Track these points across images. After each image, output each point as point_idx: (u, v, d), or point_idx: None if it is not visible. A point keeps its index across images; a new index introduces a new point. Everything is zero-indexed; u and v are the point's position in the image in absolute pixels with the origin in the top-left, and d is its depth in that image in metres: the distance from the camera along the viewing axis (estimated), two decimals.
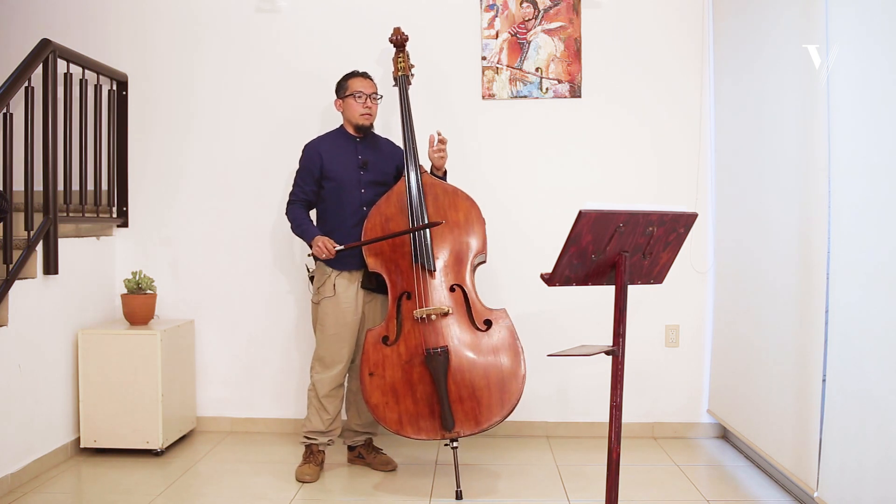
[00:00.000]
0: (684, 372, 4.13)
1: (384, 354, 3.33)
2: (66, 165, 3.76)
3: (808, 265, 2.94)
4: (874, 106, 2.53)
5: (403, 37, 3.74)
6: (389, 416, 3.28)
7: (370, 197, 3.51)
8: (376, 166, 3.56)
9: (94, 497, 3.27)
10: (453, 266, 3.42)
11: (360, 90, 3.50)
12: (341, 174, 3.50)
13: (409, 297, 3.37)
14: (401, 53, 3.73)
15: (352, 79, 3.54)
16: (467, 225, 3.46)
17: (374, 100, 3.54)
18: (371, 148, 3.59)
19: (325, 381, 3.50)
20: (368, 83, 3.54)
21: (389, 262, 3.41)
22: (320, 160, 3.51)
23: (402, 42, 3.73)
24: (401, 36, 3.73)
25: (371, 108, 3.53)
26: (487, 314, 3.39)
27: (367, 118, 3.53)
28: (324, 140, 3.60)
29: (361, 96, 3.50)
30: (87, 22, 4.21)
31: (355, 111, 3.51)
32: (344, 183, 3.50)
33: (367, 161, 3.54)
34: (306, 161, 3.55)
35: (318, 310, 3.52)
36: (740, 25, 3.68)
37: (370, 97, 3.52)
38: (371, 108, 3.53)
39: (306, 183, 3.53)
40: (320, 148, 3.54)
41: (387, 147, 3.68)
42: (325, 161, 3.50)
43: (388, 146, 3.69)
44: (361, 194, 3.51)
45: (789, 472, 3.11)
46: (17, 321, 3.34)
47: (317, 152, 3.53)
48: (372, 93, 3.53)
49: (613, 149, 4.12)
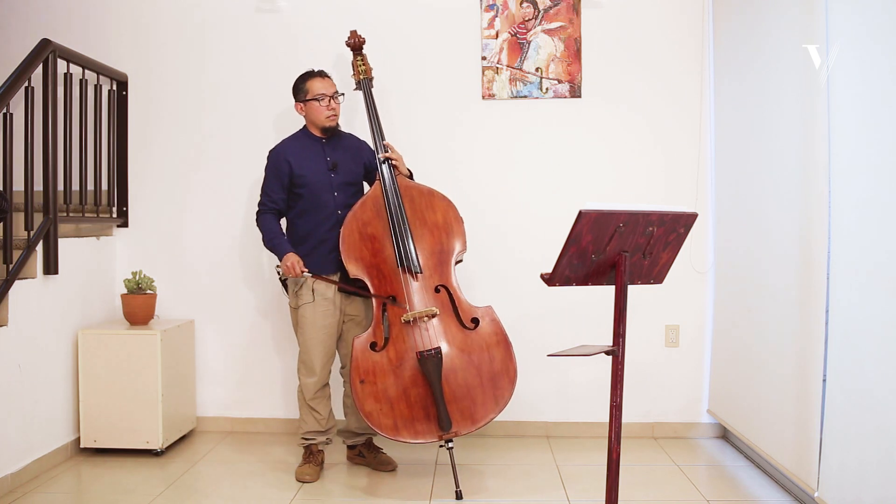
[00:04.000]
0: (684, 372, 4.13)
1: (374, 361, 3.31)
2: (66, 165, 3.76)
3: (808, 265, 2.94)
4: (874, 106, 2.53)
5: (360, 40, 3.69)
6: (385, 423, 3.26)
7: (343, 199, 3.48)
8: (346, 167, 3.52)
9: (94, 497, 3.27)
10: (436, 267, 3.41)
11: (322, 92, 3.45)
12: (312, 179, 3.45)
13: (395, 300, 3.36)
14: (359, 56, 3.67)
15: (310, 80, 3.49)
16: (446, 226, 3.45)
17: (336, 99, 3.50)
18: (338, 148, 3.55)
19: (310, 385, 3.49)
20: (328, 83, 3.49)
21: (371, 268, 3.39)
22: (289, 166, 3.45)
23: (359, 45, 3.68)
24: (357, 39, 3.68)
25: (335, 109, 3.49)
26: (474, 312, 3.38)
27: (332, 119, 3.49)
28: (289, 144, 3.53)
29: (324, 98, 3.45)
30: (87, 22, 4.21)
31: (320, 114, 3.46)
32: (315, 187, 3.45)
33: (336, 162, 3.50)
34: (273, 168, 3.48)
35: (298, 315, 3.49)
36: (740, 25, 3.68)
37: (332, 97, 3.47)
38: (335, 108, 3.48)
39: (274, 191, 3.47)
40: (287, 153, 3.48)
41: (352, 144, 3.63)
42: (295, 167, 3.45)
43: (353, 142, 3.64)
44: (335, 198, 3.47)
45: (789, 472, 3.11)
46: (18, 321, 3.34)
47: (284, 158, 3.46)
48: (333, 93, 3.49)
49: (613, 149, 4.11)
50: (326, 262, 3.45)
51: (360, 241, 3.39)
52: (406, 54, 4.11)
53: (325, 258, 3.45)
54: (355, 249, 3.38)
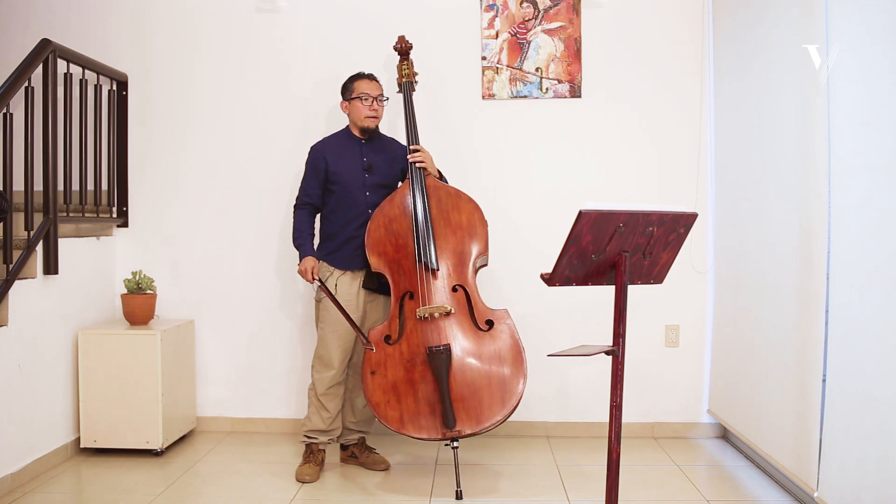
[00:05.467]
0: (684, 372, 4.13)
1: (386, 353, 3.35)
2: (66, 165, 3.76)
3: (808, 265, 2.94)
4: (874, 106, 2.53)
5: (407, 45, 3.75)
6: (391, 415, 3.29)
7: (375, 199, 3.52)
8: (381, 169, 3.57)
9: (94, 497, 3.27)
10: (456, 267, 3.44)
11: (366, 92, 3.51)
12: (346, 177, 3.51)
13: (412, 296, 3.39)
14: (405, 61, 3.75)
15: (357, 81, 3.55)
16: (470, 227, 3.48)
17: (381, 102, 3.55)
18: (376, 150, 3.59)
19: (324, 379, 3.50)
20: (374, 85, 3.55)
21: (392, 263, 3.43)
22: (325, 163, 3.52)
23: (406, 50, 3.76)
24: (405, 44, 3.75)
25: (377, 111, 3.54)
26: (489, 314, 3.40)
27: (372, 120, 3.54)
28: (329, 142, 3.61)
29: (367, 98, 3.51)
30: (87, 22, 4.21)
31: (361, 113, 3.52)
32: (348, 185, 3.51)
33: (371, 164, 3.55)
34: (312, 163, 3.57)
35: (321, 308, 3.53)
36: (740, 25, 3.68)
37: (376, 99, 3.53)
38: (377, 110, 3.54)
39: (311, 186, 3.55)
40: (325, 150, 3.56)
41: (392, 148, 3.67)
42: (331, 163, 3.52)
43: (393, 147, 3.69)
44: (366, 197, 3.52)
45: (789, 472, 3.11)
46: (17, 321, 3.34)
47: (322, 155, 3.55)
48: (378, 95, 3.54)
49: (613, 148, 4.11)
50: (354, 258, 3.50)
51: (385, 237, 3.43)
52: None
53: (353, 255, 3.50)
54: (380, 244, 3.43)
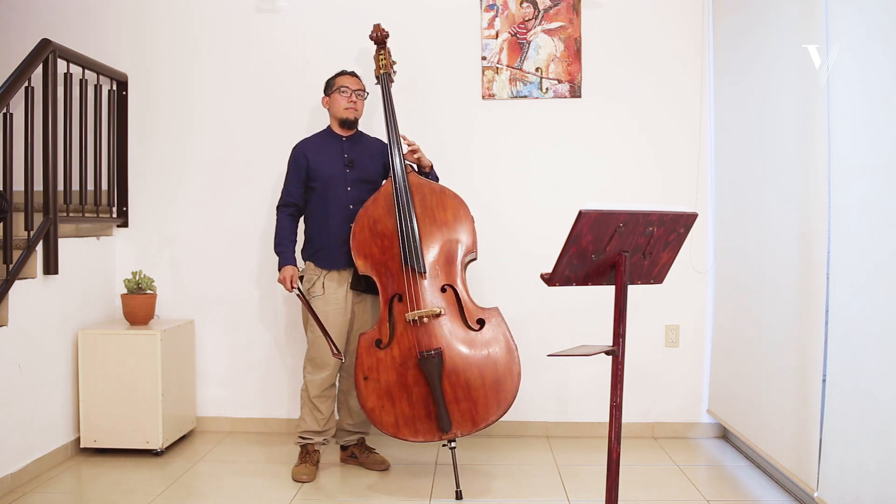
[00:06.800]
0: (684, 372, 4.13)
1: (378, 358, 3.32)
2: (66, 165, 3.76)
3: (808, 265, 2.94)
4: (874, 106, 2.53)
5: (384, 33, 3.71)
6: (386, 420, 3.28)
7: (357, 195, 3.51)
8: (362, 164, 3.56)
9: (94, 497, 3.27)
10: (444, 266, 3.41)
11: (346, 86, 3.53)
12: (326, 172, 3.51)
13: (401, 299, 3.36)
14: (382, 51, 3.70)
15: (340, 76, 3.59)
16: (456, 223, 3.45)
17: (360, 96, 3.56)
18: (357, 146, 3.60)
19: (316, 381, 3.50)
20: (354, 80, 3.58)
21: (379, 265, 3.40)
22: (306, 160, 3.53)
23: (382, 39, 3.71)
24: (381, 32, 3.71)
25: (356, 103, 3.55)
26: (480, 313, 3.38)
27: (351, 112, 3.54)
28: (310, 141, 3.62)
29: (346, 91, 3.52)
30: (87, 22, 4.21)
31: (340, 105, 3.53)
32: (329, 181, 3.50)
33: (352, 159, 3.54)
34: (293, 162, 3.57)
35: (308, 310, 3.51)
36: (740, 25, 3.68)
37: (355, 92, 3.54)
38: (356, 102, 3.55)
39: (292, 185, 3.55)
40: (306, 148, 3.57)
41: (374, 145, 3.67)
42: (311, 161, 3.52)
43: (375, 144, 3.67)
44: (348, 192, 3.51)
45: (789, 472, 3.11)
46: (17, 321, 3.34)
47: (302, 153, 3.55)
48: (357, 89, 3.55)
49: (613, 149, 4.11)
50: (338, 255, 3.48)
51: (371, 239, 3.41)
52: (406, 54, 4.10)
53: (338, 252, 3.48)
54: (365, 245, 3.40)
